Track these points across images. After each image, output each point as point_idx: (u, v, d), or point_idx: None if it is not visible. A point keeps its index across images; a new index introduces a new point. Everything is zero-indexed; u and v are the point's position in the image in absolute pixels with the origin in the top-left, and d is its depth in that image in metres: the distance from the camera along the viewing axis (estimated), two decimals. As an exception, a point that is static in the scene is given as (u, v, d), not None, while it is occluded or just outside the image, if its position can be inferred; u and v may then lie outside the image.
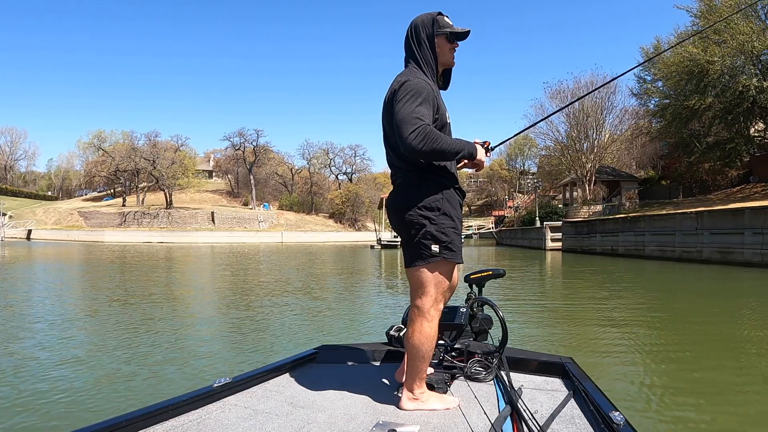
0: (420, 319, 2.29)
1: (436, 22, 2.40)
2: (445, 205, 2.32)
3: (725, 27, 29.88)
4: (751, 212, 22.15)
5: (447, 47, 2.45)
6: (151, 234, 67.82)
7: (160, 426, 1.97)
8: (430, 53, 2.40)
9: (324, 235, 74.83)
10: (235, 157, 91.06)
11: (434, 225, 2.28)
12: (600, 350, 7.05)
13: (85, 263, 26.16)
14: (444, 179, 2.37)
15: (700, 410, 4.81)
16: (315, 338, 7.57)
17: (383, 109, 2.41)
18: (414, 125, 2.13)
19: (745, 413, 4.73)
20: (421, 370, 2.27)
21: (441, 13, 2.43)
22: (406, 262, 2.38)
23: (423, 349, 2.26)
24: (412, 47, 2.41)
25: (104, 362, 6.14)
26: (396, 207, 2.38)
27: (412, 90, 2.22)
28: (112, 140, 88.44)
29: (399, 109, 2.18)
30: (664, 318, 10.10)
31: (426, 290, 2.30)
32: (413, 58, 2.41)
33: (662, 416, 4.65)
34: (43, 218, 78.41)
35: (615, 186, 47.02)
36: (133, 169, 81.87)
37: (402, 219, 2.35)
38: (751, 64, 30.31)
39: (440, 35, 2.41)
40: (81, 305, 11.27)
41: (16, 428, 4.14)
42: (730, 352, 7.16)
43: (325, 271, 22.37)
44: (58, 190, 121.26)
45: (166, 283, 16.70)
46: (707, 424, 4.49)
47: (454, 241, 2.32)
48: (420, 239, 2.29)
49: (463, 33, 2.45)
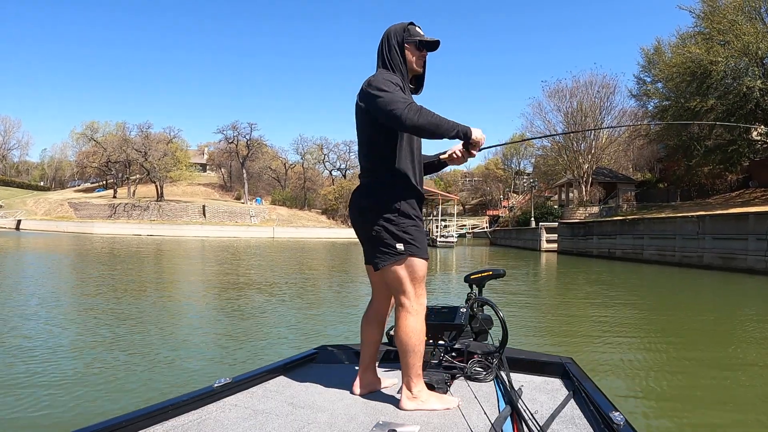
0: (404, 314, 2.36)
1: (407, 31, 2.53)
2: (404, 206, 2.40)
3: (729, 28, 29.38)
4: (756, 217, 21.47)
5: (416, 55, 2.55)
6: (140, 226, 67.17)
7: (160, 426, 1.97)
8: (399, 58, 2.51)
9: (316, 231, 74.31)
10: (228, 150, 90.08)
11: (395, 226, 2.37)
12: (600, 350, 7.09)
13: (73, 256, 25.49)
14: (405, 183, 2.45)
15: (700, 410, 4.83)
16: (315, 338, 7.55)
17: (356, 110, 2.51)
18: (404, 101, 2.23)
19: (745, 413, 4.72)
20: (414, 366, 2.32)
21: (413, 23, 2.55)
22: (374, 264, 2.44)
23: (411, 342, 2.32)
24: (384, 52, 2.53)
25: (104, 362, 6.02)
26: (359, 208, 2.49)
27: (385, 80, 2.35)
28: (105, 131, 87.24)
29: (380, 95, 2.28)
30: (665, 320, 10.21)
31: (404, 288, 2.37)
32: (383, 62, 2.53)
33: (662, 416, 4.68)
34: (34, 208, 77.87)
35: (612, 188, 46.76)
36: (125, 160, 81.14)
37: (365, 220, 2.45)
38: (755, 65, 29.80)
39: (410, 43, 2.52)
40: (73, 301, 10.96)
41: (15, 428, 4.12)
42: (731, 354, 7.24)
43: (320, 269, 21.87)
44: (51, 181, 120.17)
45: (157, 280, 16.18)
46: (707, 424, 4.51)
47: (417, 238, 2.41)
48: (384, 240, 2.38)
49: (432, 42, 2.56)
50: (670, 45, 37.68)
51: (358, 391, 2.49)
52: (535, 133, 53.41)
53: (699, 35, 32.79)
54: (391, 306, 2.66)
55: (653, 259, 27.85)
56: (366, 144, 2.51)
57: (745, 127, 32.48)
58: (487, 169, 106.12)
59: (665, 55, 37.79)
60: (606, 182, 47.08)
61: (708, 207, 30.21)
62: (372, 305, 2.69)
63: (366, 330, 2.65)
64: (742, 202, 29.89)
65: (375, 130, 2.43)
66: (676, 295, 15.08)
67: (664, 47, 38.96)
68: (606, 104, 47.02)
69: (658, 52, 39.49)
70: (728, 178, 36.09)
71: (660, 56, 38.57)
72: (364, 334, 2.65)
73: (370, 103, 2.33)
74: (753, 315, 11.25)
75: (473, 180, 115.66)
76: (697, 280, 19.45)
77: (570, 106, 47.42)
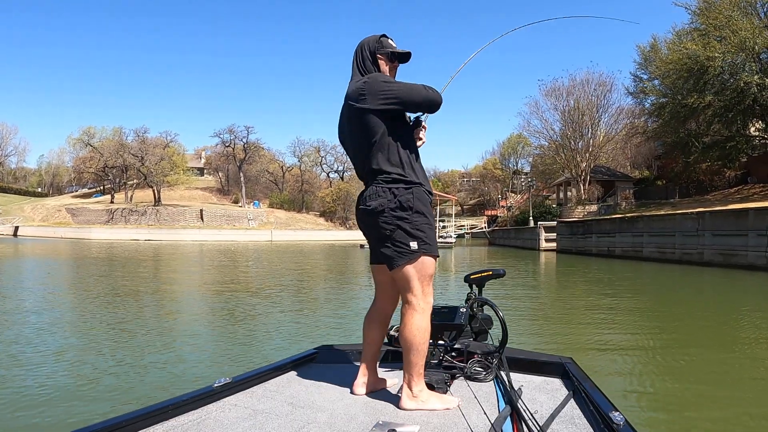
0: (411, 312, 2.36)
1: (379, 42, 2.60)
2: (417, 204, 2.40)
3: (726, 23, 29.29)
4: (756, 213, 21.32)
5: (387, 66, 2.61)
6: (138, 231, 67.12)
7: (160, 426, 1.96)
8: (372, 69, 2.56)
9: (314, 233, 74.23)
10: (226, 154, 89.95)
11: (409, 224, 2.37)
12: (600, 350, 7.07)
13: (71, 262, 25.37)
14: (415, 180, 2.46)
15: (700, 410, 4.79)
16: (314, 338, 7.53)
17: (354, 116, 2.48)
18: (427, 88, 2.49)
19: (745, 413, 4.69)
20: (417, 364, 2.31)
21: (385, 35, 2.63)
22: (387, 263, 2.43)
23: (416, 341, 2.31)
24: (358, 62, 2.59)
25: (104, 363, 6.05)
26: (370, 211, 2.44)
27: (387, 77, 2.52)
28: (102, 136, 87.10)
29: (398, 87, 2.44)
30: (665, 319, 10.17)
31: (412, 285, 2.37)
32: (359, 71, 2.58)
33: (662, 416, 4.66)
34: (31, 215, 77.85)
35: (610, 186, 46.68)
36: (122, 165, 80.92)
37: (377, 221, 2.41)
38: (752, 61, 29.68)
39: (383, 54, 2.59)
40: (75, 304, 11.01)
41: (15, 429, 4.11)
42: (732, 353, 7.19)
43: (319, 270, 21.76)
44: (49, 187, 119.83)
45: (157, 283, 16.12)
46: (707, 425, 4.49)
47: (430, 236, 2.42)
48: (398, 239, 2.37)
49: (403, 54, 2.65)
50: (666, 42, 37.63)
51: (358, 391, 2.49)
52: (533, 134, 53.44)
53: (695, 32, 32.70)
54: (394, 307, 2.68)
55: (653, 256, 27.71)
56: (371, 146, 2.46)
57: (743, 123, 32.43)
58: (484, 169, 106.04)
59: (661, 52, 37.75)
60: (604, 180, 46.98)
61: (707, 203, 30.12)
62: (375, 305, 2.68)
63: (368, 330, 2.63)
64: (740, 198, 29.80)
65: (385, 130, 2.44)
66: (676, 293, 14.97)
67: (661, 44, 38.95)
68: (603, 102, 47.03)
69: (654, 50, 39.50)
70: (726, 175, 35.95)
71: (656, 53, 38.57)
72: (366, 333, 2.63)
73: (393, 97, 2.40)
74: (754, 312, 11.15)
75: (471, 180, 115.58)
76: (697, 277, 19.31)
77: (567, 105, 47.35)
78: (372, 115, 2.41)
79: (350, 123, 2.53)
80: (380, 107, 2.40)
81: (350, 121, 2.52)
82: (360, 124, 2.46)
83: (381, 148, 2.45)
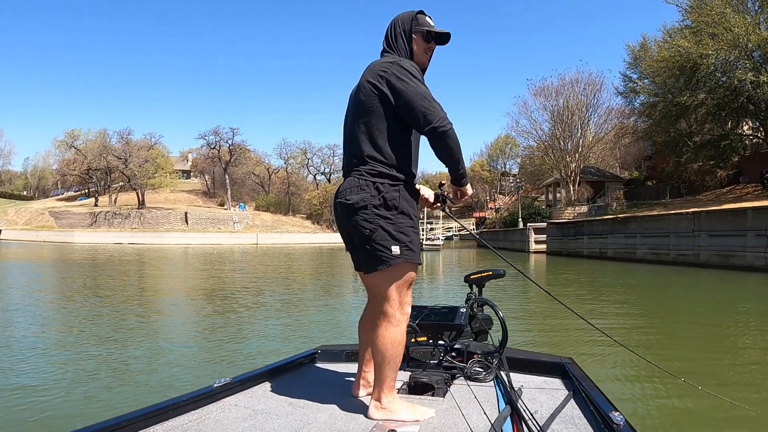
0: (386, 324, 2.19)
1: (415, 19, 2.35)
2: (403, 204, 2.20)
3: (718, 21, 28.87)
4: (754, 212, 20.74)
5: (423, 46, 2.36)
6: (121, 235, 66.46)
7: (160, 426, 1.94)
8: (405, 47, 2.34)
9: (300, 236, 73.63)
10: (211, 156, 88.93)
11: (392, 225, 2.16)
12: (600, 350, 7.03)
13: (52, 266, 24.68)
14: (407, 179, 2.26)
15: (700, 410, 4.74)
16: (314, 339, 7.52)
17: (362, 94, 2.24)
18: (440, 108, 2.14)
19: (745, 413, 4.58)
20: (388, 377, 2.19)
21: (422, 12, 2.38)
22: (364, 267, 2.23)
23: (388, 354, 2.17)
24: (390, 39, 2.37)
25: (104, 363, 6.08)
26: (348, 205, 2.19)
27: (415, 71, 2.20)
28: (86, 138, 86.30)
29: (415, 85, 2.15)
30: (664, 319, 10.22)
31: (390, 294, 2.19)
32: (389, 48, 2.36)
33: (662, 416, 4.64)
34: (14, 218, 77.27)
35: (600, 186, 46.40)
36: (105, 167, 79.99)
37: (356, 218, 2.17)
38: (745, 58, 29.28)
39: (417, 32, 2.34)
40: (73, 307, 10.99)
41: (16, 429, 4.09)
42: (732, 354, 7.21)
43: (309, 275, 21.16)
44: (34, 190, 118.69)
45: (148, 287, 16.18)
46: (707, 424, 4.46)
47: (414, 241, 2.22)
48: (378, 241, 2.15)
49: (441, 34, 2.37)
50: (656, 41, 37.34)
51: (357, 391, 2.43)
52: (521, 134, 53.04)
53: (686, 29, 32.27)
54: None
55: (647, 258, 27.12)
56: (371, 131, 2.22)
57: (736, 122, 32.08)
58: (472, 171, 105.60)
59: (651, 51, 37.41)
60: (594, 181, 46.73)
61: (699, 203, 29.69)
62: (368, 308, 2.51)
63: (363, 333, 2.47)
64: (734, 198, 29.42)
65: (393, 119, 2.21)
66: (674, 295, 14.68)
67: (650, 44, 38.65)
68: (593, 101, 46.75)
69: (644, 49, 39.15)
70: (718, 174, 35.54)
71: (646, 52, 38.23)
72: (362, 336, 2.48)
73: (405, 93, 2.14)
74: (753, 313, 10.95)
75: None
76: (694, 279, 18.77)
77: (556, 104, 47.00)
78: (378, 96, 2.19)
79: (355, 101, 2.31)
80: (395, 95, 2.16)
81: (355, 98, 2.31)
82: (363, 102, 2.24)
83: (377, 134, 2.22)
